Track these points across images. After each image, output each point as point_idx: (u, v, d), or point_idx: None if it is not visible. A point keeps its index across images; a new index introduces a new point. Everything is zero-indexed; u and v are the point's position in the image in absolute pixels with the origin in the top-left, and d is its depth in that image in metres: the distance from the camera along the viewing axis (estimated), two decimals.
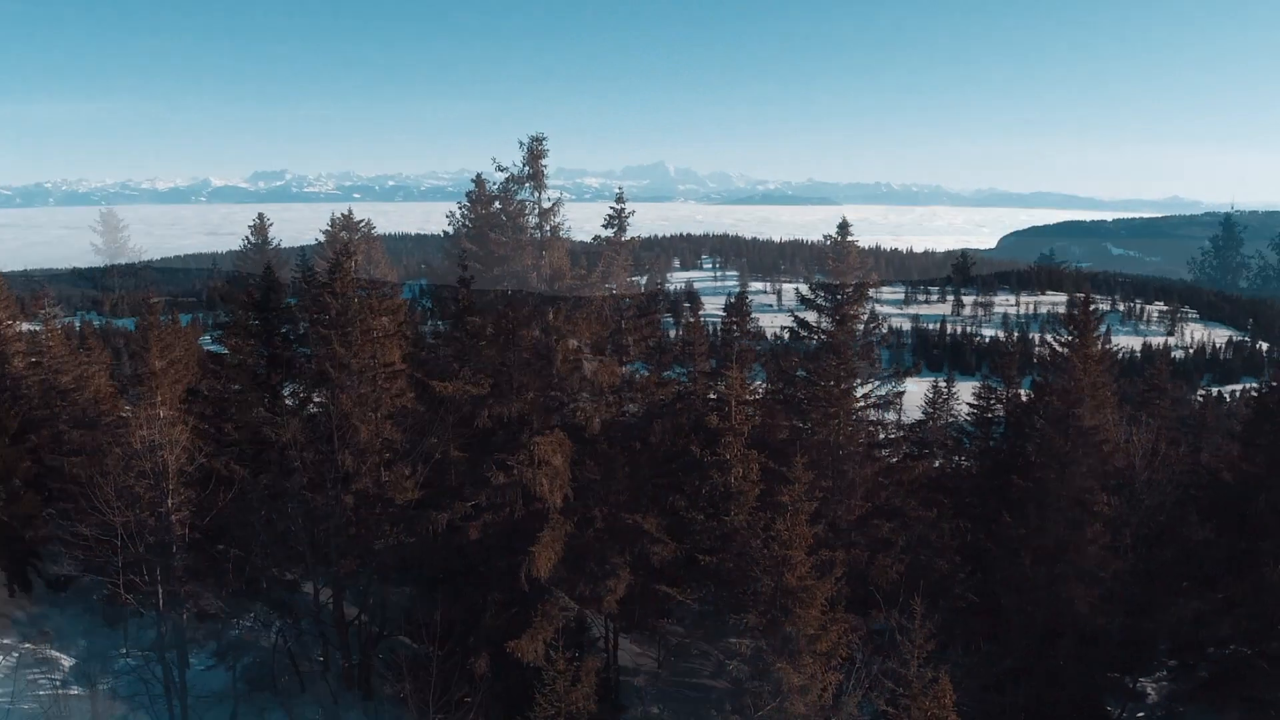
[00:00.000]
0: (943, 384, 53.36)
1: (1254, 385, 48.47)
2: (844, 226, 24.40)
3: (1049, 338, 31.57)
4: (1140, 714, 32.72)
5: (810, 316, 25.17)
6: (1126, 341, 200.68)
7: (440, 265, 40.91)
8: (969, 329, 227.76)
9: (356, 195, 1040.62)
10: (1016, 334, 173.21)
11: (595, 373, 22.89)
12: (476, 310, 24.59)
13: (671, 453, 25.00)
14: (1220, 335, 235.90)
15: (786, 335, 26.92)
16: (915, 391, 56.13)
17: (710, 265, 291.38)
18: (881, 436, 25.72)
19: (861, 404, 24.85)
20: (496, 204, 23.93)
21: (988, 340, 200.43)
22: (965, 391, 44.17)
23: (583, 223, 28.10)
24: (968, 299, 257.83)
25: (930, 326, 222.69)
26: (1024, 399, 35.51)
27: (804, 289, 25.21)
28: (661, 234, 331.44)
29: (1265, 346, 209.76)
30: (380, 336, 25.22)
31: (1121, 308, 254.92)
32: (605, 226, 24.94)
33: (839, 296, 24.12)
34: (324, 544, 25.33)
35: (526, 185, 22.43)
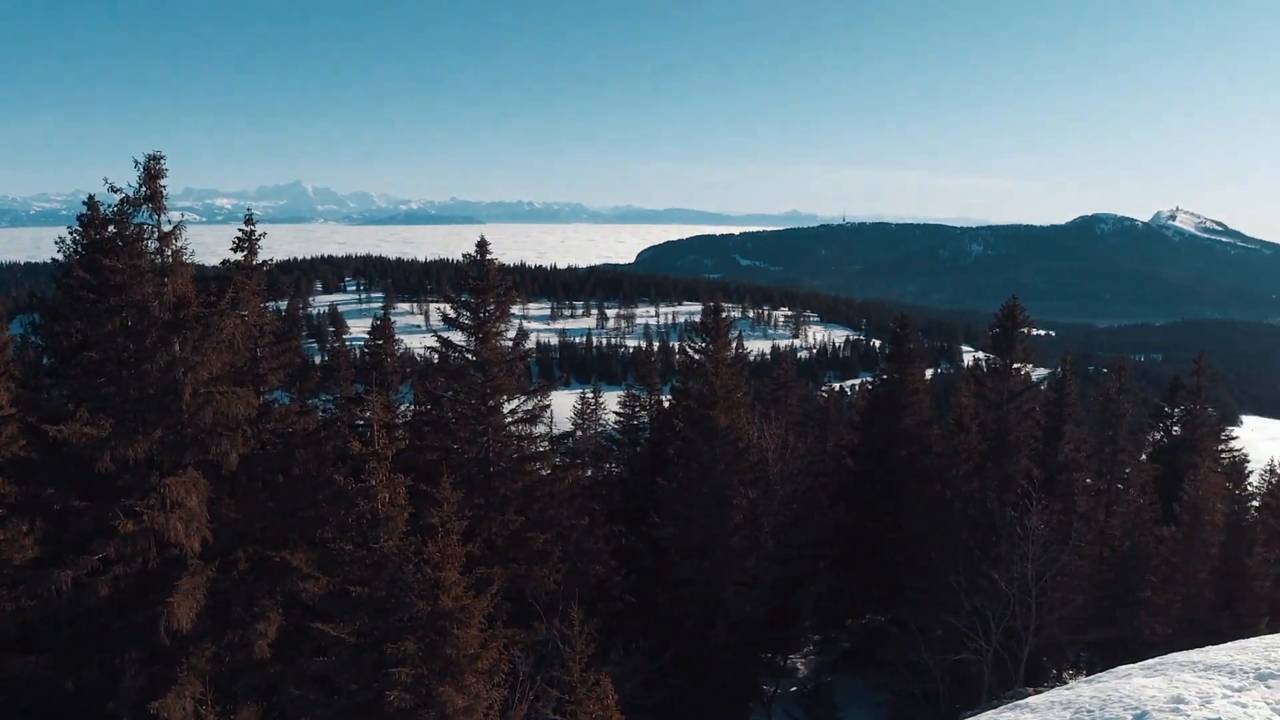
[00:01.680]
0: (590, 395, 54.77)
1: (869, 379, 53.01)
2: (482, 245, 24.41)
3: (687, 345, 33.09)
4: (793, 689, 34.91)
5: (456, 336, 25.01)
6: (757, 345, 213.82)
7: (52, 296, 37.31)
8: (614, 340, 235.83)
9: None
10: (658, 343, 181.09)
11: (229, 405, 21.60)
12: (92, 344, 22.58)
13: (317, 483, 24.02)
14: (839, 335, 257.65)
15: (435, 356, 26.61)
16: (565, 403, 57.29)
17: (355, 287, 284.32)
18: (532, 450, 25.89)
19: (510, 419, 24.96)
20: (111, 228, 22.07)
21: (632, 350, 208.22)
22: (612, 401, 45.52)
23: (214, 246, 26.57)
24: (611, 312, 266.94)
25: (577, 340, 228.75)
26: (666, 404, 37.06)
27: (448, 309, 24.95)
28: (301, 256, 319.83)
29: (878, 344, 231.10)
30: None
31: (751, 314, 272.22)
32: (234, 250, 23.69)
33: (482, 314, 24.10)
34: None
35: (144, 207, 20.81)
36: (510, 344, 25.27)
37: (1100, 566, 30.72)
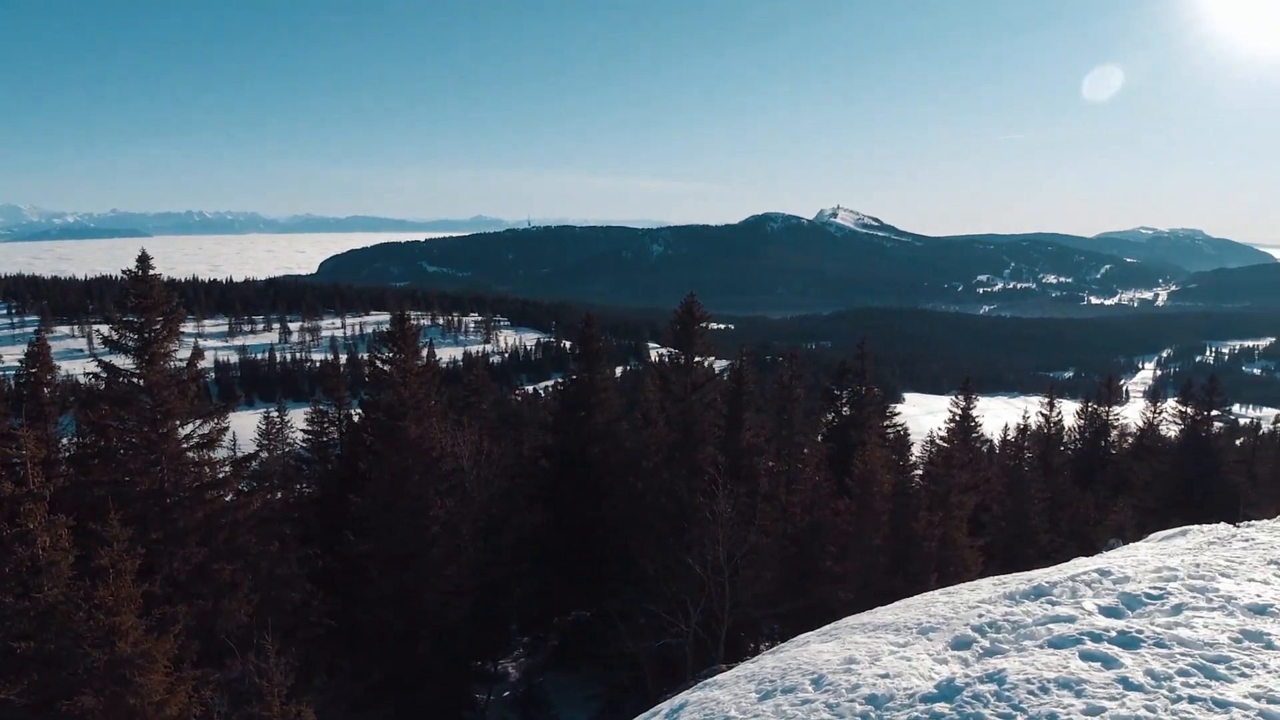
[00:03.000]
0: (275, 414, 52.54)
1: (560, 379, 53.85)
2: (144, 259, 22.75)
3: (375, 356, 32.30)
4: (506, 693, 34.87)
5: (121, 359, 23.21)
6: (449, 352, 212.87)
7: None
8: (299, 355, 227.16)
9: None
10: (345, 356, 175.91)
11: None
12: None
13: None
14: (530, 338, 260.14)
15: (101, 382, 24.58)
16: (249, 424, 54.66)
17: (5, 310, 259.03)
18: (213, 476, 24.44)
19: (186, 445, 23.44)
20: None
21: (318, 365, 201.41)
22: (300, 418, 43.83)
23: None
24: (294, 325, 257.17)
25: (259, 356, 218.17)
26: (356, 418, 36.07)
27: (110, 330, 23.07)
28: None
29: (568, 344, 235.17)
30: None
31: (441, 321, 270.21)
32: None
33: (148, 334, 22.48)
34: None
35: None
36: (183, 364, 23.77)
37: (785, 543, 32.54)
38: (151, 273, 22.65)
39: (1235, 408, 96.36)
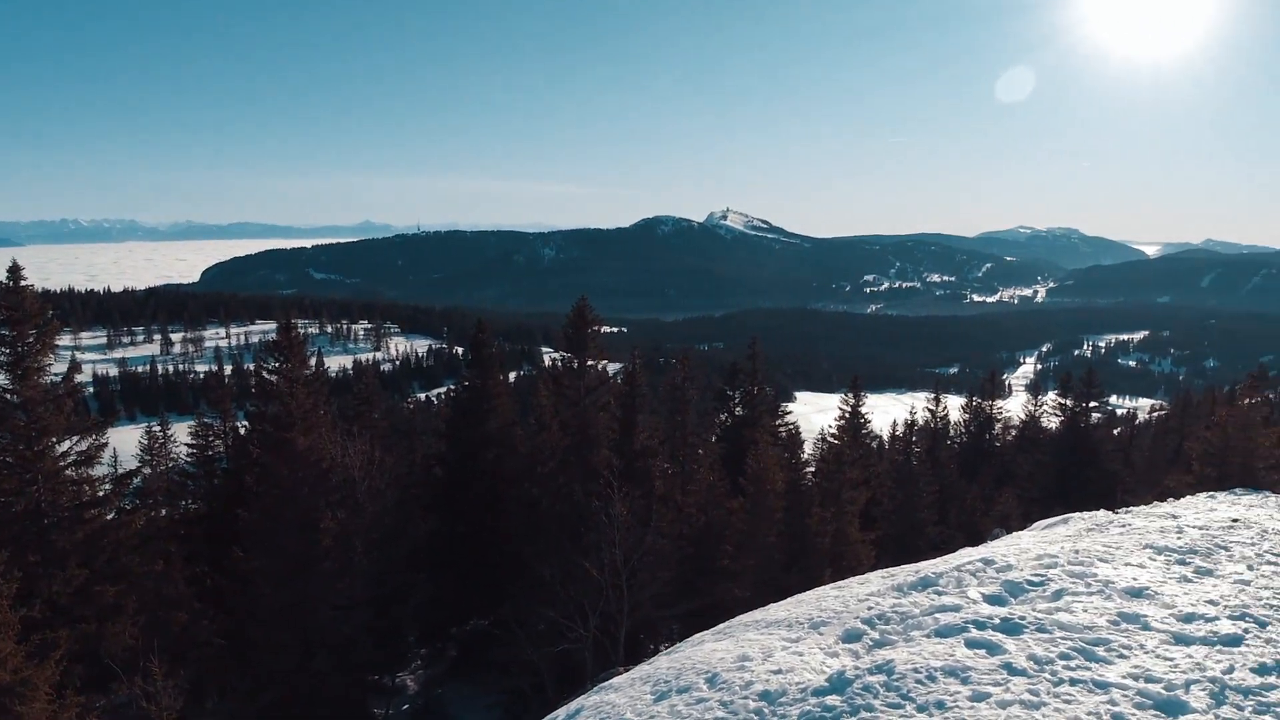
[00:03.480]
0: (157, 428, 51.00)
1: (453, 386, 53.43)
2: (15, 270, 21.94)
3: (261, 366, 31.65)
4: (405, 706, 34.44)
5: None
6: (339, 360, 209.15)
7: None
8: (182, 367, 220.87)
9: None
10: (230, 366, 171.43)
11: None
12: None
13: None
14: (421, 345, 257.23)
15: None
16: (130, 439, 53.06)
17: None
18: (92, 495, 23.64)
19: (64, 463, 22.66)
20: None
21: (203, 376, 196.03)
22: (184, 432, 42.64)
23: None
24: (176, 336, 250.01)
25: (140, 369, 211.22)
26: (243, 431, 35.28)
27: None
28: None
29: (460, 351, 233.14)
30: None
31: (330, 329, 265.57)
32: None
33: (20, 349, 21.70)
34: None
35: None
36: (59, 378, 22.99)
37: (681, 543, 32.77)
38: (24, 283, 21.90)
39: (1112, 399, 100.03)
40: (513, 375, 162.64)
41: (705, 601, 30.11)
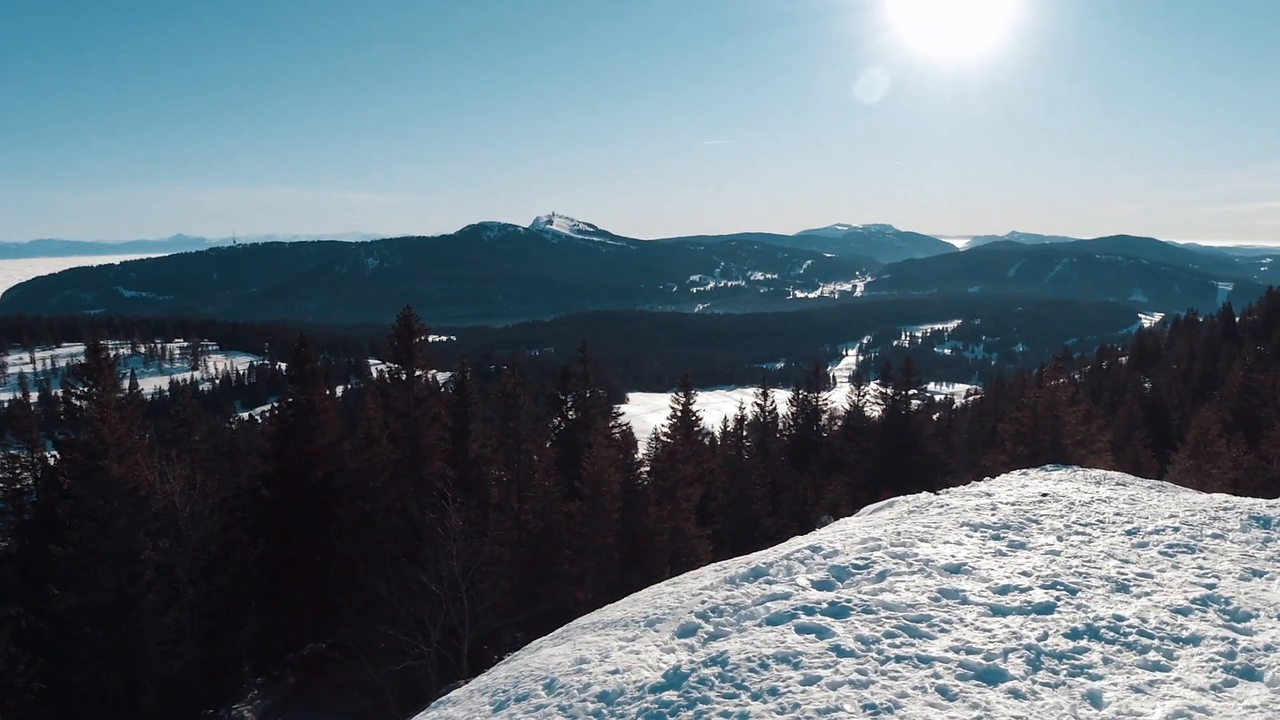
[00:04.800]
0: None
1: (277, 404, 51.92)
2: None
3: (70, 392, 30.07)
4: None
5: None
6: (154, 382, 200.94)
7: None
8: None
9: None
10: (37, 393, 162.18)
11: None
12: None
13: None
14: (242, 362, 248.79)
15: None
16: None
17: None
18: None
19: None
20: None
21: (7, 405, 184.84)
22: None
23: None
24: None
25: None
26: (52, 461, 33.48)
27: None
28: None
29: (283, 366, 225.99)
30: None
31: (144, 349, 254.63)
32: None
33: None
34: None
35: None
36: None
37: (520, 550, 32.67)
38: None
39: (930, 386, 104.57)
40: (340, 389, 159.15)
41: (547, 607, 30.10)
